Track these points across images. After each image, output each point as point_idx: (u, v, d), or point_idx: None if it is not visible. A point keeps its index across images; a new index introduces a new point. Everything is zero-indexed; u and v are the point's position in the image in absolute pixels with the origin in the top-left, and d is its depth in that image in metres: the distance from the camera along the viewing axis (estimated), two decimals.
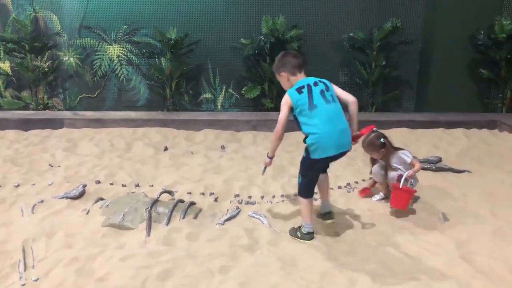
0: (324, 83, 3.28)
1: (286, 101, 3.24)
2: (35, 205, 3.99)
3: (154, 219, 3.58)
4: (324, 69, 7.61)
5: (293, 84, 3.26)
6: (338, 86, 3.39)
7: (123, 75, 8.09)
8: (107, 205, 3.79)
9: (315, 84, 3.23)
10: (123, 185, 4.45)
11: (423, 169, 4.79)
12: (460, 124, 6.34)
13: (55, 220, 3.69)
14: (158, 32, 7.35)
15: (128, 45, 7.91)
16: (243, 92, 7.62)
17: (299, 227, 3.49)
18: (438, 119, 6.50)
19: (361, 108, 7.71)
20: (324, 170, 3.56)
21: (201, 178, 4.73)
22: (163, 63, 7.74)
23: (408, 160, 3.86)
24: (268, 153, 3.54)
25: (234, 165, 5.10)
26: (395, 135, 6.18)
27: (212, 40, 7.76)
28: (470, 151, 5.53)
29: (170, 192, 4.14)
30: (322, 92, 3.20)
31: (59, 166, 5.15)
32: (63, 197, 4.16)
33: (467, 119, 6.46)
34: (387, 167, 4.00)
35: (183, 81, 8.01)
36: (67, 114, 7.06)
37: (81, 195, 4.21)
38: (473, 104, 7.55)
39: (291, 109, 3.23)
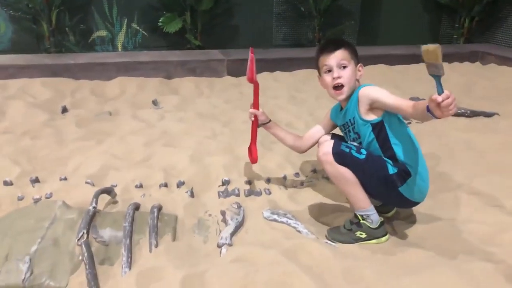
0: None
1: (377, 87, 1.98)
2: None
3: (100, 259, 1.72)
4: None
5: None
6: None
7: None
8: None
9: None
10: (7, 183, 2.38)
11: (457, 114, 3.58)
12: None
13: None
14: None
15: None
16: (160, 24, 5.55)
17: (354, 222, 2.06)
18: (417, 52, 5.33)
19: (307, 45, 6.32)
20: None
21: (146, 156, 2.84)
22: None
23: None
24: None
25: (191, 130, 3.28)
26: (374, 73, 4.88)
27: None
28: (474, 89, 4.47)
29: (108, 191, 2.22)
30: None
31: None
32: None
33: (448, 51, 5.41)
34: None
35: (65, 12, 5.60)
36: None
37: None
38: (422, 37, 6.58)
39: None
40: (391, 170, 1.95)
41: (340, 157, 1.97)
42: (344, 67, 2.04)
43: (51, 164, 2.72)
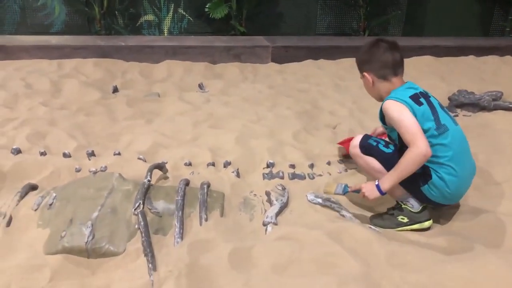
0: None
1: (400, 105, 1.96)
2: None
3: (154, 229, 1.83)
4: None
5: (385, 92, 2.10)
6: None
7: None
8: (51, 204, 1.91)
9: (427, 93, 2.11)
10: (66, 155, 2.53)
11: (507, 108, 3.48)
12: (492, 50, 5.09)
13: None
14: None
15: None
16: (207, 10, 5.63)
17: (396, 207, 2.11)
18: (466, 43, 5.19)
19: (351, 34, 6.24)
20: None
21: (194, 136, 2.94)
22: None
23: None
24: (378, 181, 1.98)
25: (235, 113, 3.35)
26: (420, 64, 4.79)
27: None
28: None
29: (160, 167, 2.33)
30: (442, 106, 2.10)
31: None
32: None
33: (500, 44, 5.23)
34: None
35: None
36: None
37: None
38: (472, 28, 6.36)
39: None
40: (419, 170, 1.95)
41: (367, 149, 2.14)
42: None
43: (104, 140, 2.86)
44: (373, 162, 2.13)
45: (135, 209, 1.83)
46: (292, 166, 2.58)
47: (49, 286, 1.59)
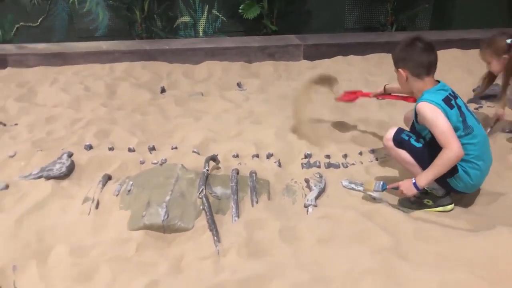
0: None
1: (435, 108, 2.16)
2: None
3: (215, 209, 2.20)
4: None
5: (417, 89, 2.32)
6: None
7: None
8: (129, 190, 2.32)
9: (454, 93, 2.31)
10: (131, 150, 2.93)
11: None
12: None
13: (40, 222, 2.20)
14: None
15: None
16: (240, 11, 5.97)
17: (422, 192, 2.34)
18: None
19: (378, 28, 6.44)
20: None
21: (238, 131, 3.30)
22: None
23: None
24: (415, 179, 2.20)
25: (273, 110, 3.69)
26: (448, 58, 4.98)
27: None
28: None
29: (214, 159, 2.70)
30: (466, 107, 2.31)
31: (15, 124, 3.50)
32: (39, 176, 2.63)
33: None
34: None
35: (153, 1, 6.19)
36: (9, 48, 5.11)
37: (69, 171, 2.69)
38: (500, 22, 6.43)
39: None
40: None
41: (399, 143, 2.36)
42: None
43: (161, 136, 3.26)
44: (404, 155, 2.36)
45: (199, 194, 2.21)
46: (328, 156, 2.90)
47: (136, 254, 1.98)
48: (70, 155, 2.79)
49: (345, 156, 2.92)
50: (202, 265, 1.92)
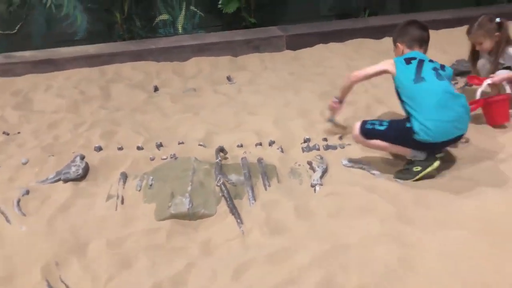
0: (441, 66, 2.71)
1: (388, 62, 2.73)
2: (19, 200, 2.58)
3: (233, 195, 2.39)
4: None
5: None
6: None
7: (50, 1, 6.08)
8: (151, 184, 2.49)
9: (430, 61, 2.69)
10: (139, 148, 3.09)
11: None
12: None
13: (71, 220, 2.36)
14: None
15: None
16: (220, 6, 6.10)
17: (409, 163, 2.65)
18: (462, 15, 5.64)
19: (352, 14, 6.66)
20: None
21: (238, 123, 3.49)
22: None
23: None
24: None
25: (267, 100, 3.89)
26: None
27: None
28: None
29: (222, 150, 2.89)
30: (435, 69, 2.62)
31: (18, 132, 3.58)
32: (56, 180, 2.77)
33: (492, 12, 5.67)
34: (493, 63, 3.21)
35: (132, 1, 6.26)
36: None
37: (85, 172, 2.84)
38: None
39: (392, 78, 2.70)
40: (408, 124, 2.52)
41: (367, 134, 2.67)
42: None
43: (164, 133, 3.41)
44: (378, 143, 2.66)
45: (217, 182, 2.40)
46: (325, 139, 3.13)
47: (167, 241, 2.17)
48: (82, 157, 2.92)
49: (340, 137, 3.15)
50: (230, 245, 2.12)
